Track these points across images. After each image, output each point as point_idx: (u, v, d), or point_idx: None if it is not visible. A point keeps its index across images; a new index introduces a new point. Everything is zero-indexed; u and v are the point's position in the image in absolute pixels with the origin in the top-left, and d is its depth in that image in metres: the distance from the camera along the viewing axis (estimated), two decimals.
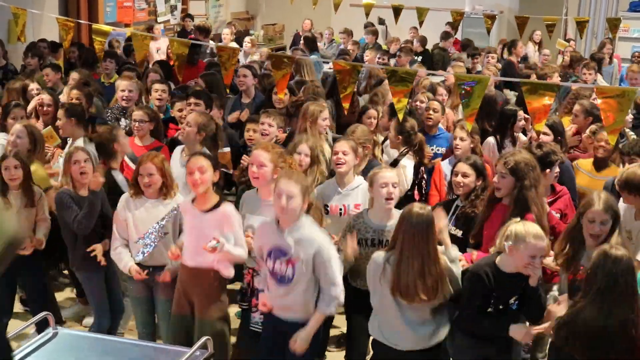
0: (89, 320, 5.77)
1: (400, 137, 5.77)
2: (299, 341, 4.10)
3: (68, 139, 6.33)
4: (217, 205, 4.52)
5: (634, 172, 4.75)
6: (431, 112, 6.72)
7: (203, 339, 3.61)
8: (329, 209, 5.05)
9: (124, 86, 7.15)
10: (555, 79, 8.31)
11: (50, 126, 6.59)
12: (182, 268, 4.60)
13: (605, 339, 3.64)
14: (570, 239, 4.26)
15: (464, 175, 4.95)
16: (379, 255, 4.14)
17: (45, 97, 6.91)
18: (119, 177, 5.52)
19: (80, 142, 5.99)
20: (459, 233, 4.83)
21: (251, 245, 4.51)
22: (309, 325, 4.13)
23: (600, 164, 5.90)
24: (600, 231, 4.14)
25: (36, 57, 9.07)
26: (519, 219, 4.13)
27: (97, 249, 5.02)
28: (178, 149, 5.89)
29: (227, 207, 4.57)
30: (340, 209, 5.08)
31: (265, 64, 9.37)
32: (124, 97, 7.10)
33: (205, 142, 5.80)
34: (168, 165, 4.95)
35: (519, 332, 4.04)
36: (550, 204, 5.11)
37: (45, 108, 6.83)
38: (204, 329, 4.42)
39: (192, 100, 6.69)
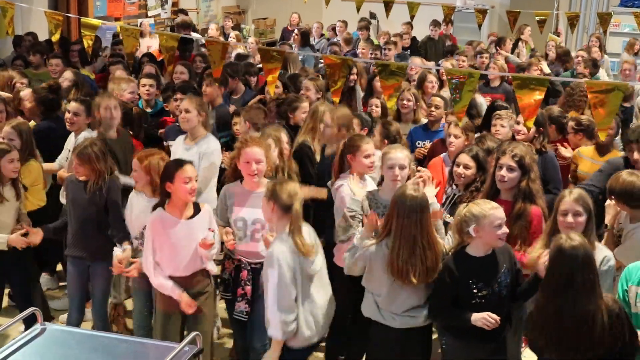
0: (57, 303, 5.95)
1: (386, 141, 5.73)
2: None
3: None
4: (198, 208, 4.58)
5: (616, 178, 4.62)
6: (433, 108, 6.66)
7: (192, 334, 3.59)
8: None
9: (132, 87, 7.11)
10: (539, 68, 8.31)
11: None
12: (172, 279, 4.55)
13: (569, 334, 3.62)
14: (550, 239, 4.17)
15: (465, 167, 4.98)
16: (372, 243, 4.14)
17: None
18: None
19: (83, 135, 5.86)
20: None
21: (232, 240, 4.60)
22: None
23: (602, 150, 5.90)
24: (575, 223, 4.10)
25: (38, 54, 8.99)
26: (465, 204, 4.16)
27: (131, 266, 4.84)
28: (180, 138, 5.91)
29: (208, 206, 4.67)
30: None
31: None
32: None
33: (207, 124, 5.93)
34: (159, 164, 4.71)
35: (478, 319, 3.99)
36: None
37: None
38: (197, 323, 4.49)
39: (178, 95, 6.75)
